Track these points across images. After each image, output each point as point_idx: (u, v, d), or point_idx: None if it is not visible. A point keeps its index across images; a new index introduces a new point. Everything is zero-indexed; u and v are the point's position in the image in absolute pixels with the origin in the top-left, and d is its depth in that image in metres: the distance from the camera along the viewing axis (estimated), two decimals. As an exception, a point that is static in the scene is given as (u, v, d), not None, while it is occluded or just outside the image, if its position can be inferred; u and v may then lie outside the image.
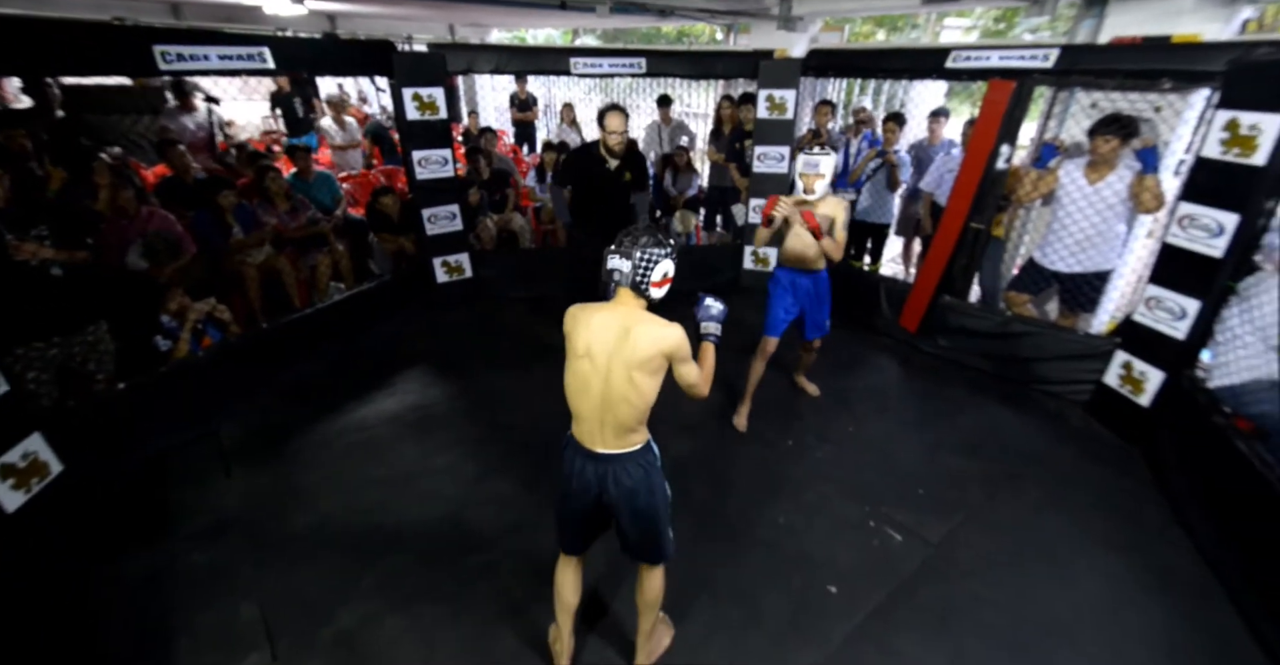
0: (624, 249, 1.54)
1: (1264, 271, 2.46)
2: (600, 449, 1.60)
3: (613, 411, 1.54)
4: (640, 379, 1.51)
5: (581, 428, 1.62)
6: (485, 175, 4.81)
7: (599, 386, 1.53)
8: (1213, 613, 2.09)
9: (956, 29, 11.37)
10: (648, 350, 1.49)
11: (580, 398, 1.58)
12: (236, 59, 3.06)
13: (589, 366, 1.54)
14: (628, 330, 1.50)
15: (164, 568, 2.23)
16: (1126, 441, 2.98)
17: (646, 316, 1.54)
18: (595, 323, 1.54)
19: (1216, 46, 2.71)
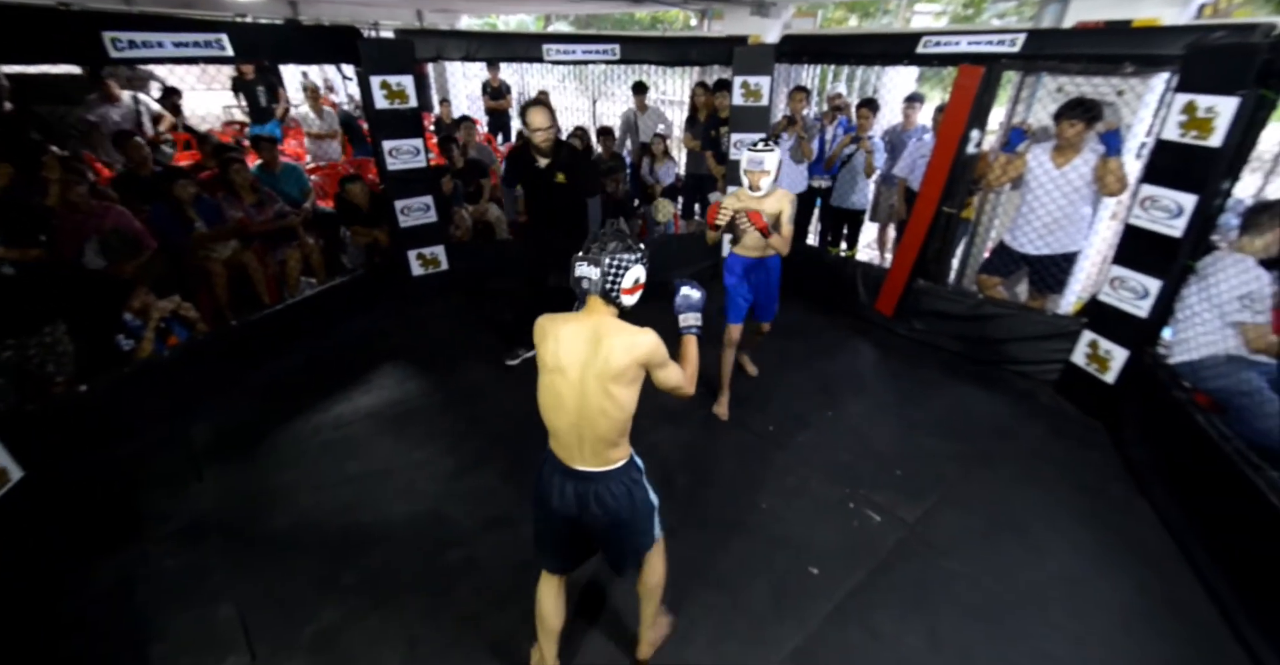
0: (592, 255, 1.47)
1: (1221, 250, 2.54)
2: (580, 466, 1.54)
3: (591, 426, 1.48)
4: (617, 391, 1.45)
5: (558, 443, 1.55)
6: (459, 165, 4.72)
7: (574, 401, 1.47)
8: (1174, 580, 2.17)
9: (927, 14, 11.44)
10: (621, 361, 1.44)
11: (555, 413, 1.51)
12: (193, 46, 2.95)
13: (561, 380, 1.48)
14: (599, 341, 1.45)
15: (136, 572, 2.18)
16: (1093, 418, 3.07)
17: (617, 325, 1.48)
18: (564, 334, 1.47)
19: (1175, 30, 2.77)
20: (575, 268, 1.50)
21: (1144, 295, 2.79)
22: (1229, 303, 2.41)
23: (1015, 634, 1.98)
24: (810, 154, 4.42)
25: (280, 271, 3.80)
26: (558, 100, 6.80)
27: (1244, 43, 2.40)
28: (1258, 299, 2.35)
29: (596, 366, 1.45)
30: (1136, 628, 2.00)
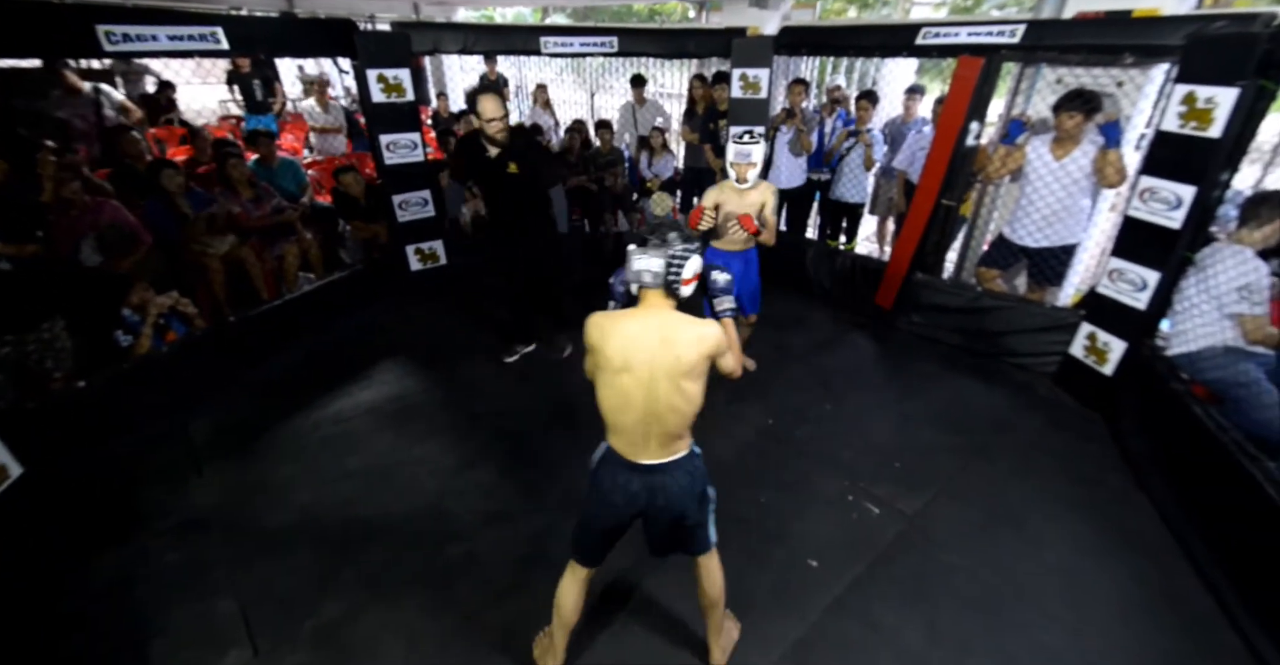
0: (652, 247, 1.46)
1: (1219, 242, 2.54)
2: (646, 460, 1.53)
3: (660, 422, 1.47)
4: (688, 386, 1.45)
5: (621, 440, 1.53)
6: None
7: (642, 399, 1.45)
8: (1170, 571, 2.19)
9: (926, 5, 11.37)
10: (692, 356, 1.42)
11: (622, 413, 1.48)
12: (188, 39, 2.93)
13: (629, 379, 1.44)
14: (666, 337, 1.43)
15: (137, 568, 2.18)
16: (1091, 410, 3.08)
17: (681, 318, 1.47)
18: (630, 333, 1.44)
19: (1175, 20, 2.75)
20: (633, 261, 1.47)
21: (1142, 287, 2.79)
22: (1227, 294, 2.41)
23: (1013, 626, 1.99)
24: (809, 147, 4.41)
25: (278, 267, 3.79)
26: (556, 93, 6.75)
27: (1244, 33, 2.39)
28: (1256, 290, 2.34)
29: (667, 364, 1.43)
30: (1134, 619, 2.01)
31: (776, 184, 4.62)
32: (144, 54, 2.87)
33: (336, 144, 5.37)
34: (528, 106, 7.16)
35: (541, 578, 2.13)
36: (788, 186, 4.63)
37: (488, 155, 2.91)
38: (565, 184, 4.38)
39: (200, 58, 3.05)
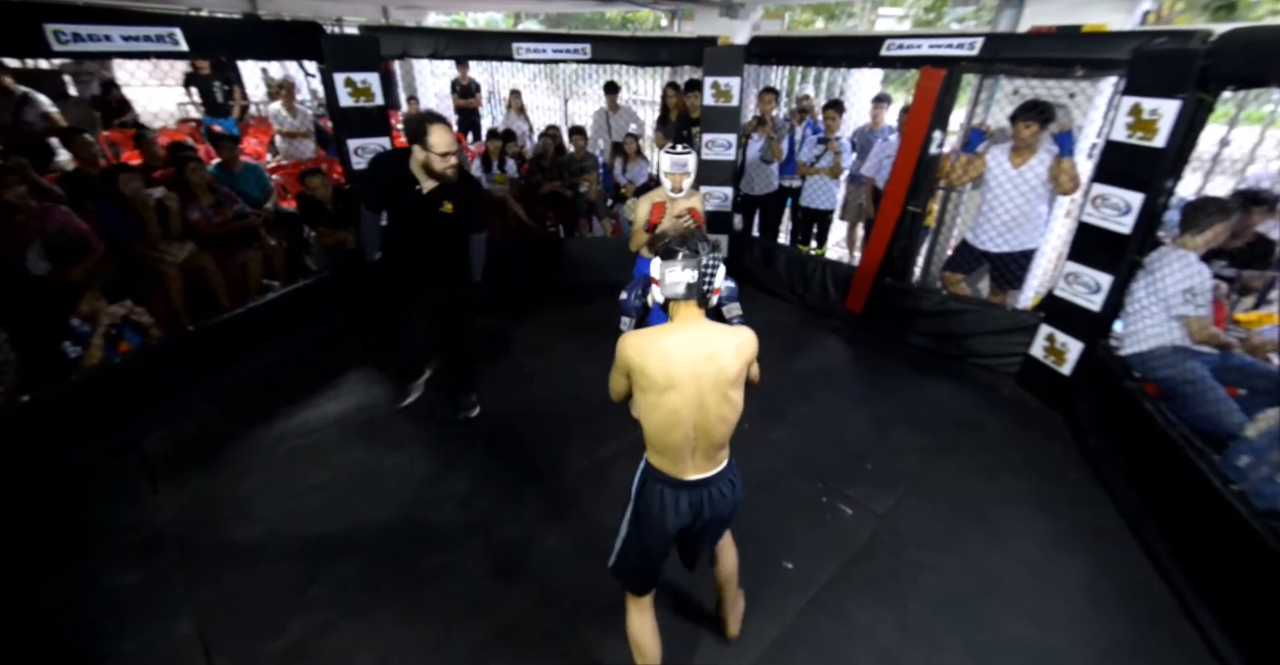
0: (687, 258, 1.43)
1: (1165, 246, 2.67)
2: (693, 476, 1.51)
3: (707, 436, 1.46)
4: (734, 395, 1.45)
5: (666, 458, 1.50)
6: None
7: (691, 415, 1.42)
8: (1129, 563, 2.27)
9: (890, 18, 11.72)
10: (736, 365, 1.42)
11: (671, 432, 1.44)
12: (144, 40, 2.83)
13: (676, 397, 1.41)
14: (709, 349, 1.41)
15: (87, 590, 2.08)
16: (1052, 408, 3.19)
17: (718, 328, 1.47)
18: (671, 349, 1.40)
19: (1121, 36, 2.89)
20: (667, 273, 1.45)
21: (1096, 290, 2.91)
22: (1173, 296, 2.52)
23: (983, 620, 2.04)
24: (780, 154, 4.48)
25: (241, 274, 3.68)
26: (529, 99, 6.74)
27: (1183, 48, 2.52)
28: (1199, 293, 2.47)
29: (712, 375, 1.41)
30: (1096, 611, 2.08)
31: (749, 191, 4.70)
32: (96, 55, 2.76)
33: (304, 148, 5.25)
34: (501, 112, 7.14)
35: (520, 587, 2.11)
36: (759, 193, 4.70)
37: (417, 187, 2.52)
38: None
39: (157, 59, 2.96)
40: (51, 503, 2.45)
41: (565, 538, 2.33)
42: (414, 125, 2.43)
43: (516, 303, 4.39)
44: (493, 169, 5.00)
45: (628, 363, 1.45)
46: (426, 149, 2.40)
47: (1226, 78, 2.38)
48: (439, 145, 2.39)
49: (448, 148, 2.41)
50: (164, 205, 3.39)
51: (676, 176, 2.66)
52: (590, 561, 2.21)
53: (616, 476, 2.67)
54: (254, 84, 7.10)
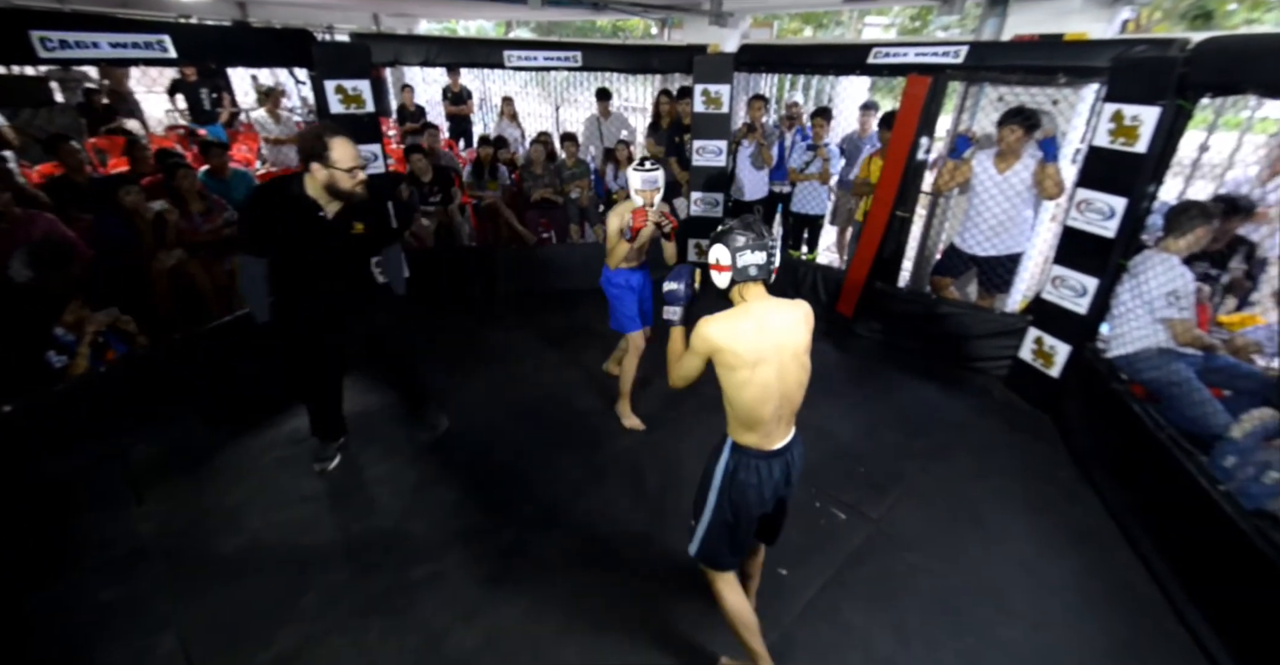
0: (754, 242, 1.50)
1: (1149, 250, 2.71)
2: (779, 444, 1.61)
3: (789, 402, 1.57)
4: (806, 360, 1.57)
5: (758, 433, 1.56)
6: (427, 176, 4.60)
7: (778, 385, 1.53)
8: (1118, 562, 2.29)
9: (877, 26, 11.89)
10: (806, 332, 1.56)
11: (763, 405, 1.52)
12: (132, 47, 2.81)
13: (767, 370, 1.50)
14: (784, 321, 1.54)
15: (68, 605, 2.03)
16: (1041, 410, 3.22)
17: (782, 301, 1.57)
18: (755, 327, 1.50)
19: (1101, 44, 2.95)
20: (739, 257, 1.51)
21: (1083, 293, 2.95)
22: (1157, 299, 2.56)
23: (976, 622, 2.04)
24: (770, 160, 4.52)
25: (229, 281, 3.65)
26: (521, 106, 6.76)
27: (1162, 56, 2.58)
28: (1183, 295, 2.50)
29: (790, 345, 1.53)
30: (1088, 611, 2.09)
31: (739, 197, 4.73)
32: (84, 61, 2.74)
33: (291, 155, 5.23)
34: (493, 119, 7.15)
35: (509, 597, 2.09)
36: (750, 198, 4.73)
37: (320, 214, 2.19)
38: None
39: (146, 65, 2.94)
40: (35, 513, 2.40)
41: (556, 545, 2.32)
42: (310, 141, 2.10)
43: (503, 309, 4.39)
44: (485, 175, 5.00)
45: (713, 346, 1.51)
46: (329, 166, 2.09)
47: (1204, 85, 2.43)
48: (344, 160, 2.10)
49: (354, 161, 2.12)
50: (162, 218, 3.37)
51: (649, 193, 2.65)
52: (581, 569, 2.21)
53: (609, 482, 2.66)
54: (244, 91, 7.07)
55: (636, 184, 2.63)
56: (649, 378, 3.45)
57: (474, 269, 4.59)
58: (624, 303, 2.93)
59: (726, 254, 1.53)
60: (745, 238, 1.51)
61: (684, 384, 1.64)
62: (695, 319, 1.58)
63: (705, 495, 1.67)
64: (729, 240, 1.52)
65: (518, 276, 4.66)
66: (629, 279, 2.92)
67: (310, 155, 2.09)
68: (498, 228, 4.90)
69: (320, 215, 2.20)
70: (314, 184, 2.16)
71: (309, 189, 2.17)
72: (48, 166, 3.78)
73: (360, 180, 2.16)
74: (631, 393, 3.03)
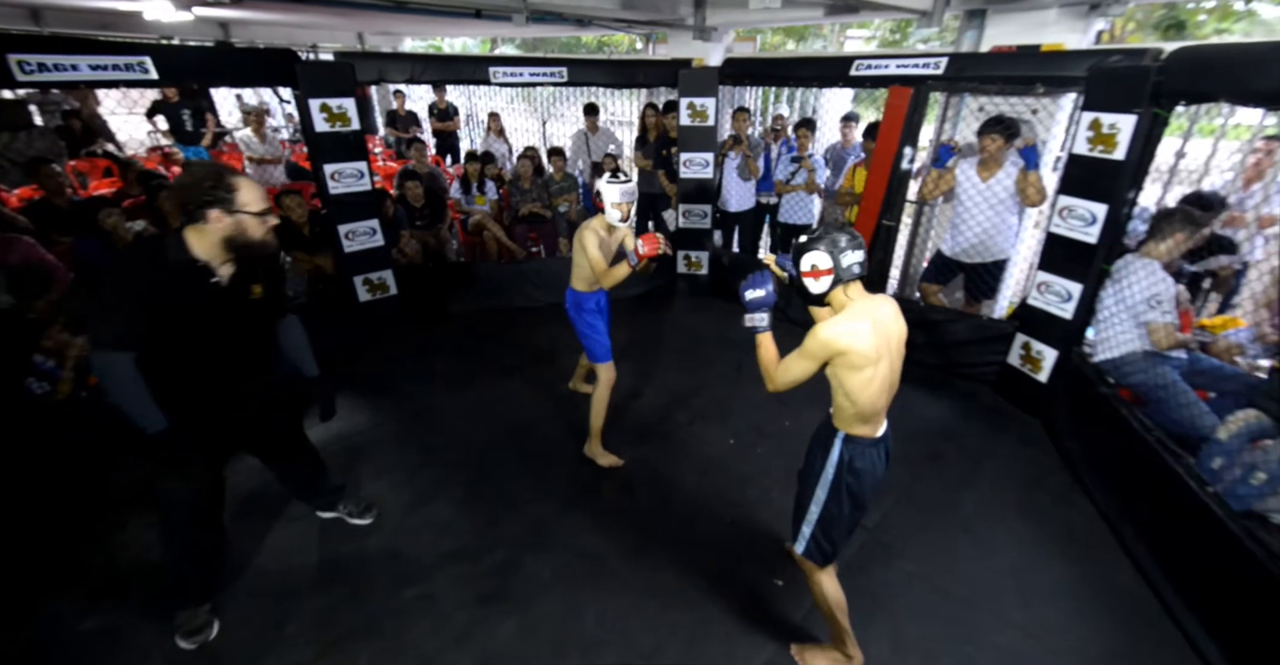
0: (852, 241, 1.55)
1: (1131, 254, 2.74)
2: (882, 430, 1.69)
3: (893, 391, 1.65)
4: (904, 350, 1.66)
5: (872, 424, 1.65)
6: (420, 203, 4.60)
7: (893, 376, 1.62)
8: (1111, 566, 2.29)
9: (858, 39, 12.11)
10: (903, 323, 1.65)
11: (882, 397, 1.60)
12: (112, 69, 2.81)
13: (886, 365, 1.57)
14: (889, 316, 1.61)
15: (46, 636, 1.97)
16: (1030, 415, 3.23)
17: (878, 296, 1.64)
18: (871, 326, 1.53)
19: (1077, 54, 3.01)
20: (841, 258, 1.55)
21: (1068, 299, 2.98)
22: (1139, 304, 2.59)
23: (972, 630, 2.03)
24: (757, 172, 4.56)
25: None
26: (508, 121, 6.80)
27: (1137, 66, 2.63)
28: (1165, 299, 2.54)
29: (897, 338, 1.62)
30: (1082, 616, 2.09)
31: (726, 208, 4.77)
32: (63, 84, 2.73)
33: (275, 175, 5.23)
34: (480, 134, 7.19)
35: (502, 615, 2.06)
36: (738, 210, 4.77)
37: (214, 280, 1.70)
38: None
39: (127, 87, 2.93)
40: (14, 542, 2.33)
41: (547, 564, 2.29)
42: (202, 186, 1.61)
43: (492, 324, 4.37)
44: (472, 190, 5.01)
45: (838, 350, 1.52)
46: (232, 212, 1.64)
47: (1178, 93, 2.48)
48: (254, 201, 1.68)
49: (260, 204, 1.69)
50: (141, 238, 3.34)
51: (626, 206, 2.54)
52: (573, 587, 2.18)
53: (600, 499, 2.64)
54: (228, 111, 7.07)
55: (615, 197, 2.52)
56: (639, 391, 3.45)
57: (462, 284, 4.57)
58: (598, 329, 2.74)
59: (827, 258, 1.55)
60: (845, 237, 1.54)
61: (788, 387, 1.65)
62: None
63: (811, 494, 1.72)
64: (831, 243, 1.54)
65: (506, 291, 4.64)
66: (599, 301, 2.75)
67: (203, 202, 1.61)
68: (485, 243, 4.90)
69: (213, 282, 1.70)
70: (204, 241, 1.66)
71: (196, 249, 1.66)
72: (27, 190, 3.74)
73: (273, 225, 1.76)
74: (616, 409, 2.84)
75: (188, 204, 1.63)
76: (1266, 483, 1.97)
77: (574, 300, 2.73)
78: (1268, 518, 1.98)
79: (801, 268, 1.60)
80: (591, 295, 2.71)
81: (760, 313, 1.72)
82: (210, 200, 1.62)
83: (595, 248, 2.54)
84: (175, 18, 5.07)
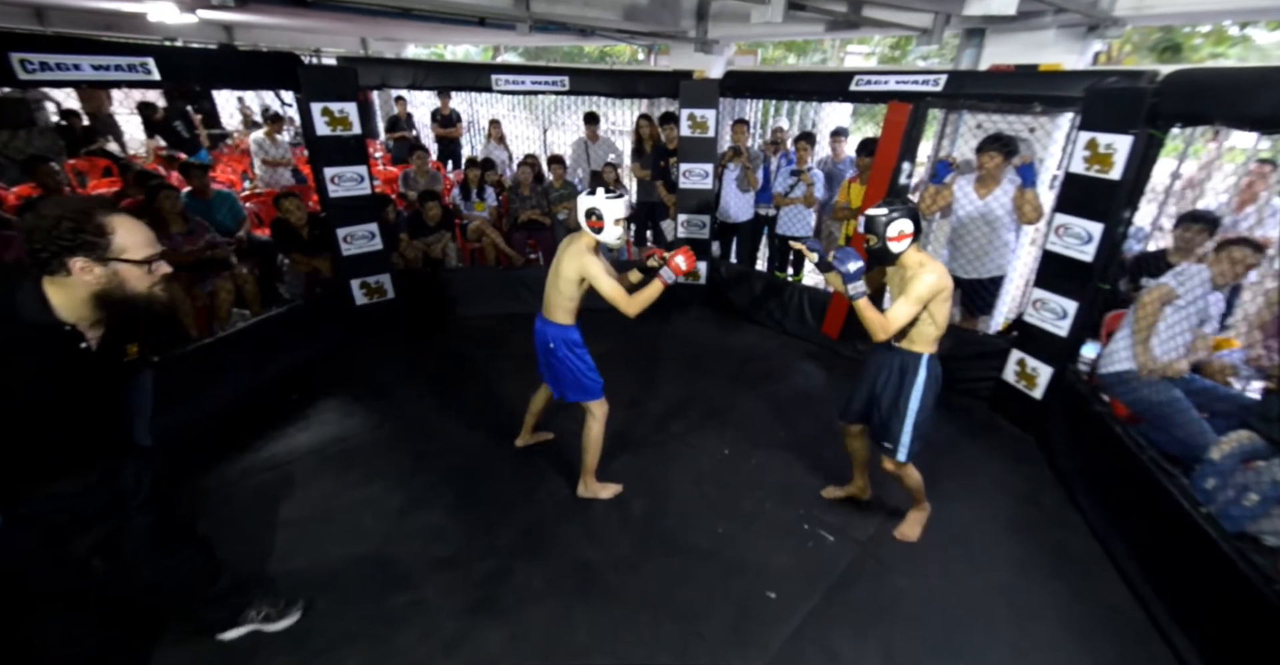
0: (906, 207, 2.01)
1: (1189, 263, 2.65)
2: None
3: None
4: None
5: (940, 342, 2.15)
6: (435, 222, 4.60)
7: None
8: (1103, 585, 2.28)
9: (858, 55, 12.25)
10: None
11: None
12: (114, 69, 2.81)
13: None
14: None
15: (33, 646, 1.93)
16: (1024, 431, 3.24)
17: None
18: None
19: (1075, 75, 3.05)
20: (905, 227, 2.02)
21: (1063, 316, 3.00)
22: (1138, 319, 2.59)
23: (963, 647, 2.02)
24: (756, 183, 4.59)
25: (209, 303, 3.59)
26: (509, 129, 6.83)
27: (1133, 87, 2.67)
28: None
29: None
30: (1074, 635, 2.08)
31: (725, 218, 4.79)
32: (65, 83, 2.73)
33: (284, 177, 5.29)
34: (481, 141, 7.21)
35: (493, 622, 2.04)
36: (737, 220, 4.79)
37: (83, 345, 1.38)
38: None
39: (129, 87, 2.93)
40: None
41: (539, 571, 2.27)
42: (59, 229, 1.26)
43: (489, 330, 4.36)
44: (471, 197, 5.02)
45: (939, 287, 2.01)
46: (104, 261, 1.31)
47: (1173, 115, 2.52)
48: (135, 246, 1.35)
49: (149, 247, 1.39)
50: None
51: (626, 223, 2.33)
52: (564, 596, 2.16)
53: (594, 507, 2.62)
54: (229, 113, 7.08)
55: (619, 212, 2.24)
56: (635, 401, 3.44)
57: (460, 290, 4.57)
58: (588, 362, 2.45)
59: (911, 223, 2.01)
60: (912, 205, 2.02)
61: (896, 329, 2.05)
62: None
63: (906, 409, 2.18)
64: (910, 212, 2.00)
65: (504, 297, 4.64)
66: (580, 330, 2.46)
67: (59, 249, 1.27)
68: (484, 249, 4.90)
69: (82, 347, 1.37)
70: (68, 296, 1.32)
71: (58, 307, 1.33)
72: (25, 188, 3.73)
73: (165, 273, 1.42)
74: (610, 420, 2.56)
75: (40, 252, 1.27)
76: (1259, 504, 1.98)
77: (562, 337, 2.39)
78: (1260, 540, 1.99)
79: (889, 234, 2.01)
80: (576, 327, 2.44)
81: (859, 280, 2.02)
82: (69, 246, 1.27)
83: (607, 276, 2.27)
84: (179, 20, 5.08)
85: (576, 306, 2.39)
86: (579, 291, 2.34)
